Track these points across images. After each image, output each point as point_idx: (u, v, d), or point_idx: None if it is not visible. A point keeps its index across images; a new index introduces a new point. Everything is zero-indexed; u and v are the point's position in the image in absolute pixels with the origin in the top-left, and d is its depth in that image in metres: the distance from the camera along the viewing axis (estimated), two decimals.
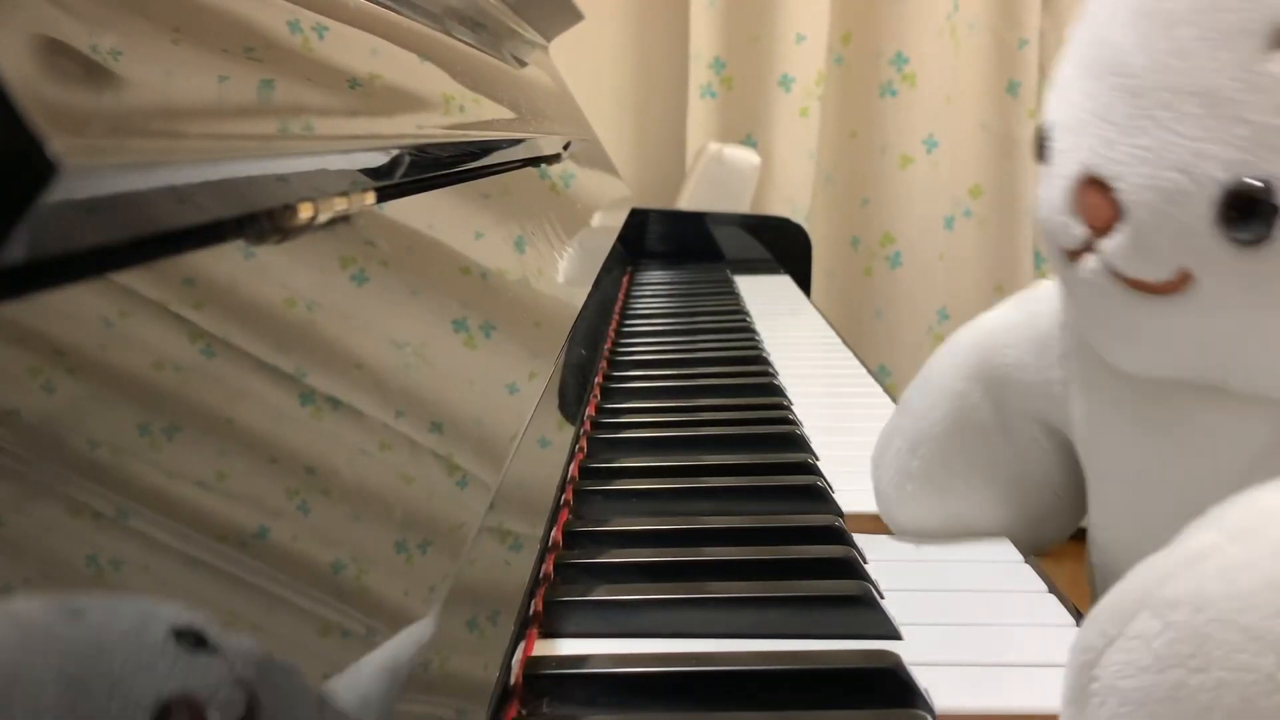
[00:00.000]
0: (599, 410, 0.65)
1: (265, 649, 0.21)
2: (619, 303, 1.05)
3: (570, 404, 0.59)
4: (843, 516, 0.49)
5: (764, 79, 1.67)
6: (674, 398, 0.69)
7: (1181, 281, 0.35)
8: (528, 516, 0.43)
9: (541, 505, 0.46)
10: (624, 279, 1.21)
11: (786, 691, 0.35)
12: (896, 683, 0.34)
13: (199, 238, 0.25)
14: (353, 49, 0.40)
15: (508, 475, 0.39)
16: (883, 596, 0.41)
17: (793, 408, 0.66)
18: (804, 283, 1.34)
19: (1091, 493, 0.46)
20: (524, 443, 0.43)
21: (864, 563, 0.44)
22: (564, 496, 0.50)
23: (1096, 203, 0.36)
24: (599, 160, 1.19)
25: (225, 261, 0.27)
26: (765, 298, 1.13)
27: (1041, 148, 0.39)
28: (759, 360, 0.79)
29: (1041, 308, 0.47)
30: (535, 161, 0.76)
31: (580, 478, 0.53)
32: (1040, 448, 0.48)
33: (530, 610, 0.39)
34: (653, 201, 1.67)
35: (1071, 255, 0.37)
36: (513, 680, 0.35)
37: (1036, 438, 0.48)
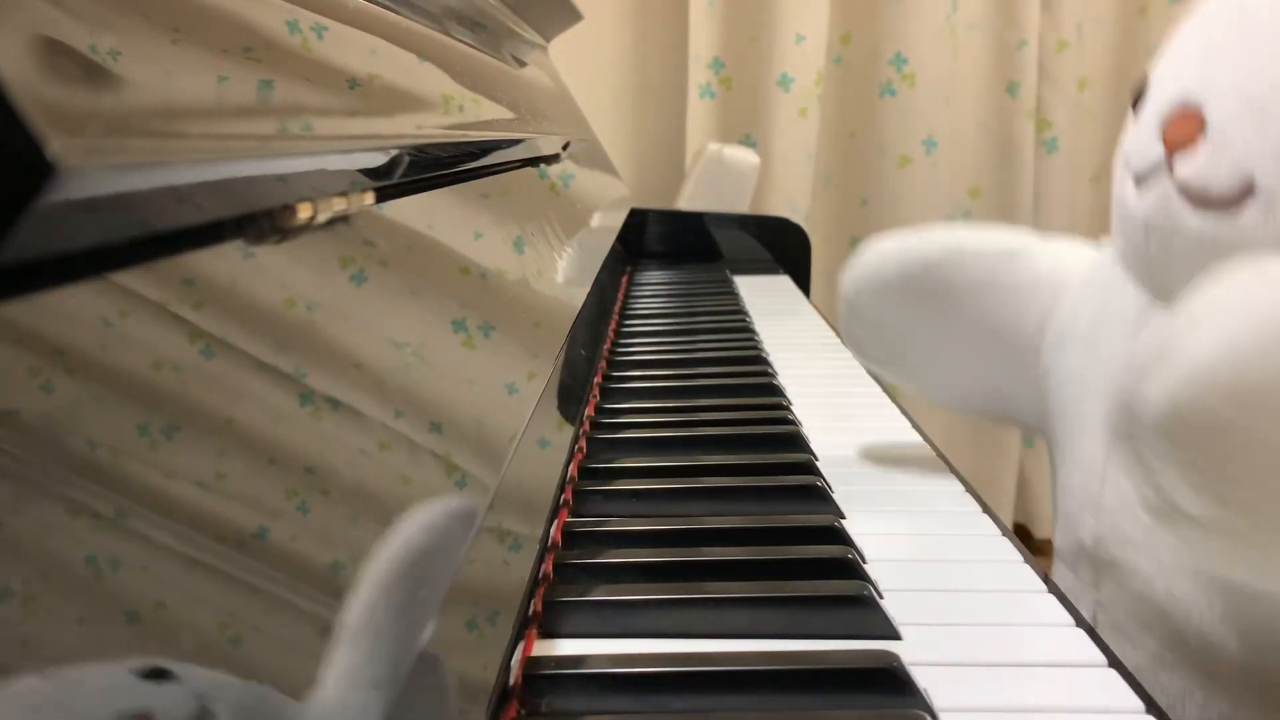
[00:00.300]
0: (598, 410, 0.65)
1: (236, 668, 0.21)
2: (618, 303, 1.05)
3: (569, 404, 0.59)
4: (843, 517, 0.49)
5: (763, 79, 1.67)
6: (673, 398, 0.69)
7: (1243, 195, 0.40)
8: (527, 516, 0.43)
9: (541, 505, 0.46)
10: (623, 279, 1.21)
11: (786, 691, 0.35)
12: (896, 682, 0.34)
13: (198, 238, 0.25)
14: (352, 49, 0.40)
15: (507, 475, 0.39)
16: (882, 596, 0.41)
17: (792, 408, 0.66)
18: (803, 283, 1.34)
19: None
20: (523, 443, 0.42)
21: (863, 563, 0.44)
22: (563, 496, 0.50)
23: (1184, 122, 0.41)
24: (598, 160, 1.19)
25: (224, 261, 0.27)
26: (764, 298, 1.13)
27: (1138, 97, 0.45)
28: (758, 360, 0.79)
29: (1073, 259, 0.54)
30: (535, 162, 0.76)
31: (579, 478, 0.53)
32: (973, 349, 0.55)
33: (529, 610, 0.39)
34: (652, 201, 1.67)
35: (1140, 181, 0.43)
36: (512, 680, 0.35)
37: (977, 338, 0.55)
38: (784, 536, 0.46)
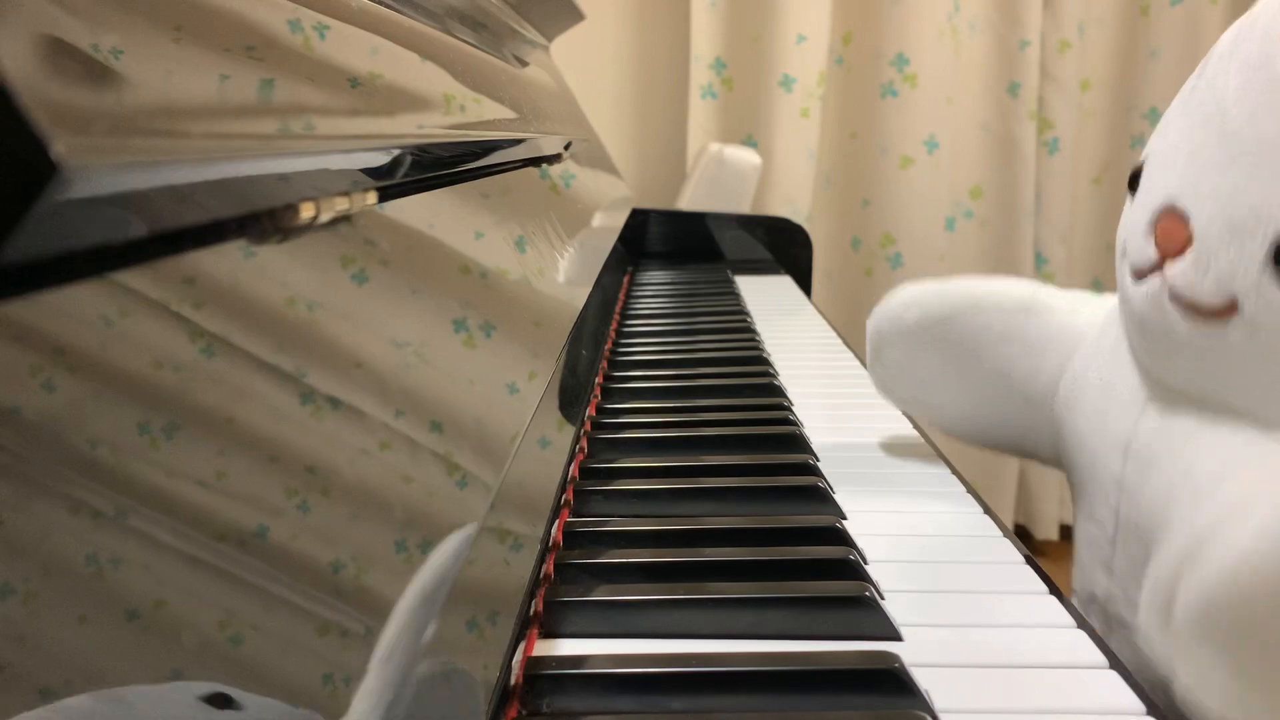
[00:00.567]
0: (599, 410, 0.65)
1: (276, 691, 0.21)
2: (619, 303, 1.05)
3: (571, 404, 0.59)
4: (844, 517, 0.49)
5: (765, 79, 1.67)
6: (675, 398, 0.69)
7: (1228, 310, 0.40)
8: (528, 516, 0.43)
9: (542, 505, 0.45)
10: (624, 279, 1.21)
11: (787, 692, 0.35)
12: (897, 684, 0.34)
13: (200, 237, 0.25)
14: (354, 48, 0.40)
15: (508, 475, 0.39)
16: (883, 597, 0.41)
17: (793, 408, 0.66)
18: (804, 283, 1.34)
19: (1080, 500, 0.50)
20: (524, 443, 0.42)
21: (864, 564, 0.44)
22: (564, 496, 0.50)
23: (1171, 230, 0.41)
24: (600, 160, 1.19)
25: (225, 261, 0.27)
26: (766, 298, 1.13)
27: (1135, 179, 0.44)
28: (759, 361, 0.79)
29: (1089, 311, 0.54)
30: (536, 161, 0.76)
31: (581, 478, 0.53)
32: (981, 396, 0.56)
33: (531, 610, 0.39)
34: (653, 201, 1.67)
35: (1138, 275, 0.43)
36: (513, 680, 0.35)
37: (987, 384, 0.56)
38: (785, 537, 0.46)
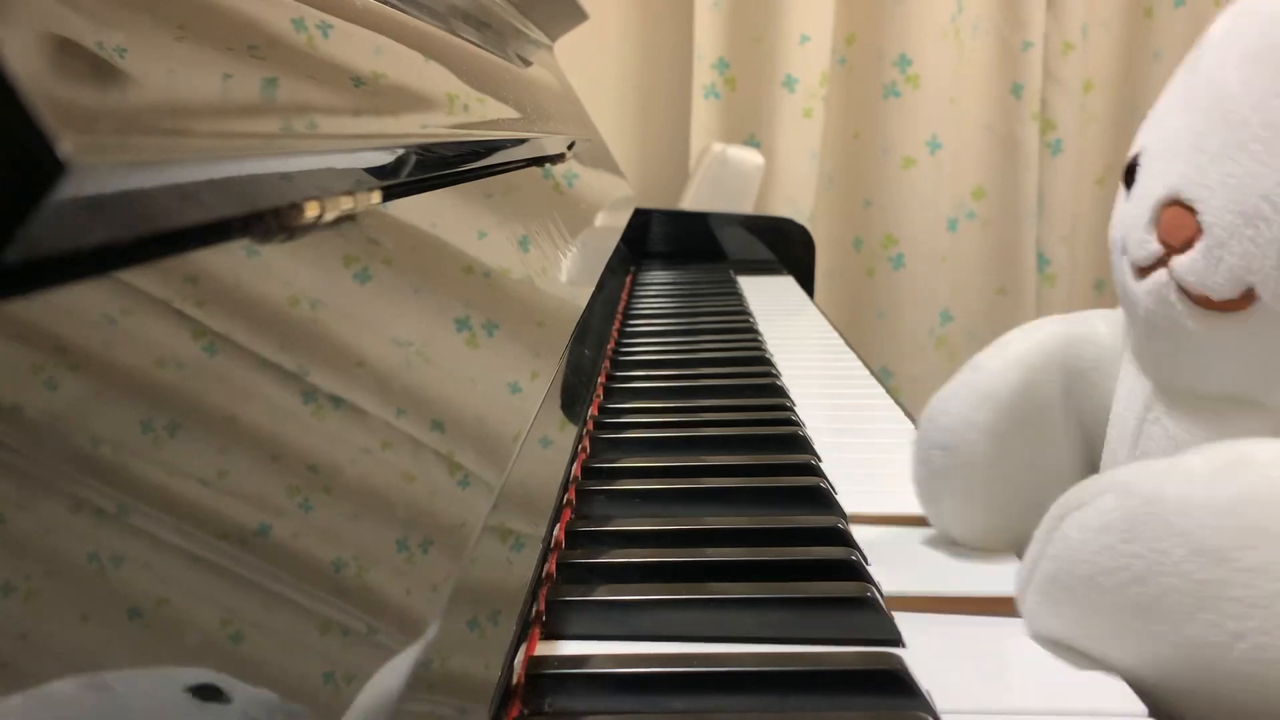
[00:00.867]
0: (602, 410, 0.65)
1: (278, 690, 0.21)
2: (622, 303, 1.05)
3: (573, 404, 0.59)
4: (846, 518, 0.49)
5: (768, 80, 1.67)
6: (677, 398, 0.69)
7: (1244, 301, 0.38)
8: (530, 516, 0.43)
9: (544, 505, 0.45)
10: (627, 279, 1.21)
11: (789, 693, 0.35)
12: (899, 685, 0.34)
13: (204, 236, 0.25)
14: (357, 47, 0.40)
15: (510, 475, 0.39)
16: (885, 599, 0.41)
17: (795, 409, 0.66)
18: (806, 283, 1.34)
19: None
20: (527, 442, 0.43)
21: (866, 565, 0.43)
22: (567, 496, 0.50)
23: (1178, 221, 0.40)
24: (603, 160, 1.19)
25: (229, 259, 0.27)
26: (768, 298, 1.13)
27: (1130, 174, 0.43)
28: (762, 361, 0.79)
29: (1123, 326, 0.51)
30: (539, 161, 0.76)
31: (583, 477, 0.53)
32: (1075, 450, 0.51)
33: (533, 610, 0.39)
34: (656, 201, 1.67)
35: (1140, 272, 0.41)
36: (515, 680, 0.35)
37: (1075, 438, 0.51)
38: (787, 538, 0.46)
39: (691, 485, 0.52)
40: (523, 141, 0.69)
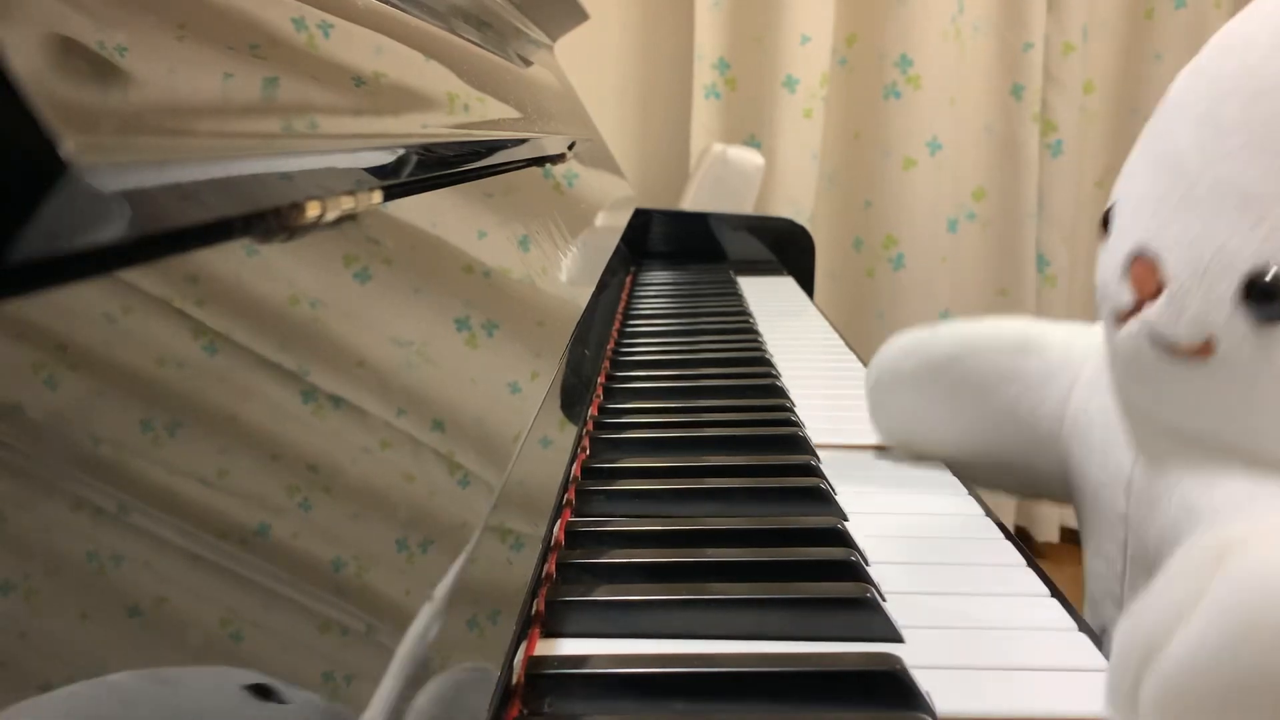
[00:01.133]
0: (602, 410, 0.65)
1: (327, 696, 0.21)
2: (622, 303, 1.05)
3: (573, 404, 0.59)
4: (845, 519, 0.49)
5: (768, 80, 1.67)
6: (677, 398, 0.69)
7: (1206, 349, 0.40)
8: (530, 516, 0.43)
9: (544, 504, 0.46)
10: (627, 279, 1.21)
11: (788, 693, 0.35)
12: (898, 685, 0.34)
13: (204, 235, 0.25)
14: (358, 47, 0.40)
15: (510, 474, 0.39)
16: (884, 599, 0.41)
17: (795, 409, 0.66)
18: (807, 284, 1.34)
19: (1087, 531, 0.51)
20: (527, 442, 0.43)
21: (866, 565, 0.44)
22: (566, 496, 0.50)
23: (1145, 274, 0.42)
24: (603, 160, 1.19)
25: (230, 259, 0.27)
26: (768, 299, 1.13)
27: (1106, 221, 0.45)
28: (762, 361, 0.79)
29: (1082, 343, 0.55)
30: (540, 161, 0.76)
31: (583, 477, 0.53)
32: (986, 425, 0.56)
33: (532, 609, 0.39)
34: (656, 202, 1.67)
35: (1118, 319, 0.44)
36: (515, 680, 0.35)
37: (994, 419, 0.56)
38: (787, 538, 0.46)
39: (691, 485, 0.52)
40: (523, 141, 0.69)
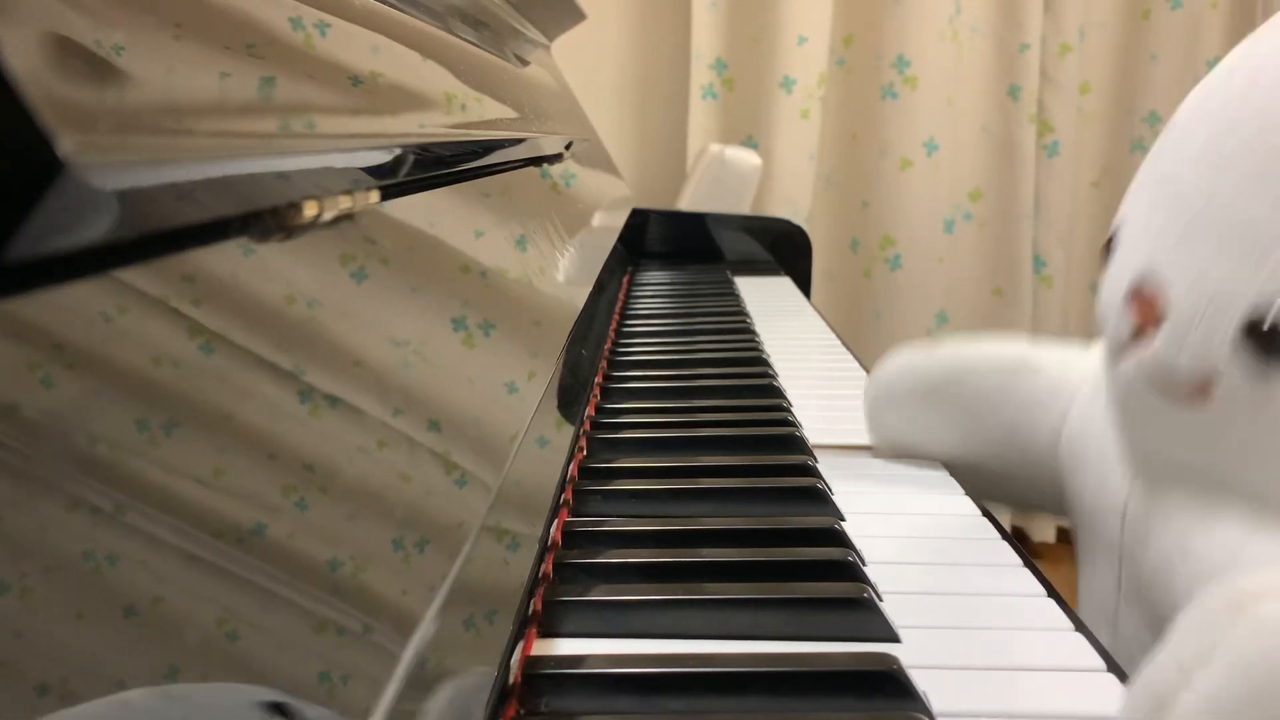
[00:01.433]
0: (599, 410, 0.65)
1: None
2: (619, 303, 1.05)
3: (570, 404, 0.59)
4: (842, 519, 0.49)
5: (765, 80, 1.67)
6: (674, 398, 0.69)
7: (1205, 392, 0.39)
8: (527, 516, 0.43)
9: (541, 505, 0.45)
10: (624, 279, 1.21)
11: (785, 693, 0.35)
12: (896, 685, 0.34)
13: (201, 235, 0.25)
14: (355, 47, 0.40)
15: (507, 474, 0.39)
16: (881, 599, 0.41)
17: (792, 409, 0.66)
18: (804, 284, 1.34)
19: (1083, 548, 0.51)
20: (524, 442, 0.42)
21: (863, 565, 0.44)
22: (563, 496, 0.50)
23: (1145, 304, 0.41)
24: (600, 160, 1.19)
25: (226, 259, 0.27)
26: (765, 299, 1.13)
27: (1109, 245, 0.44)
28: (758, 361, 0.79)
29: (1079, 365, 0.54)
30: (537, 161, 0.76)
31: (580, 477, 0.53)
32: (984, 443, 0.56)
33: (529, 609, 0.39)
34: (653, 202, 1.67)
35: (1117, 351, 0.43)
36: (511, 679, 0.35)
37: (992, 436, 0.56)
38: (783, 538, 0.46)
39: (688, 485, 0.52)
40: (520, 141, 0.69)
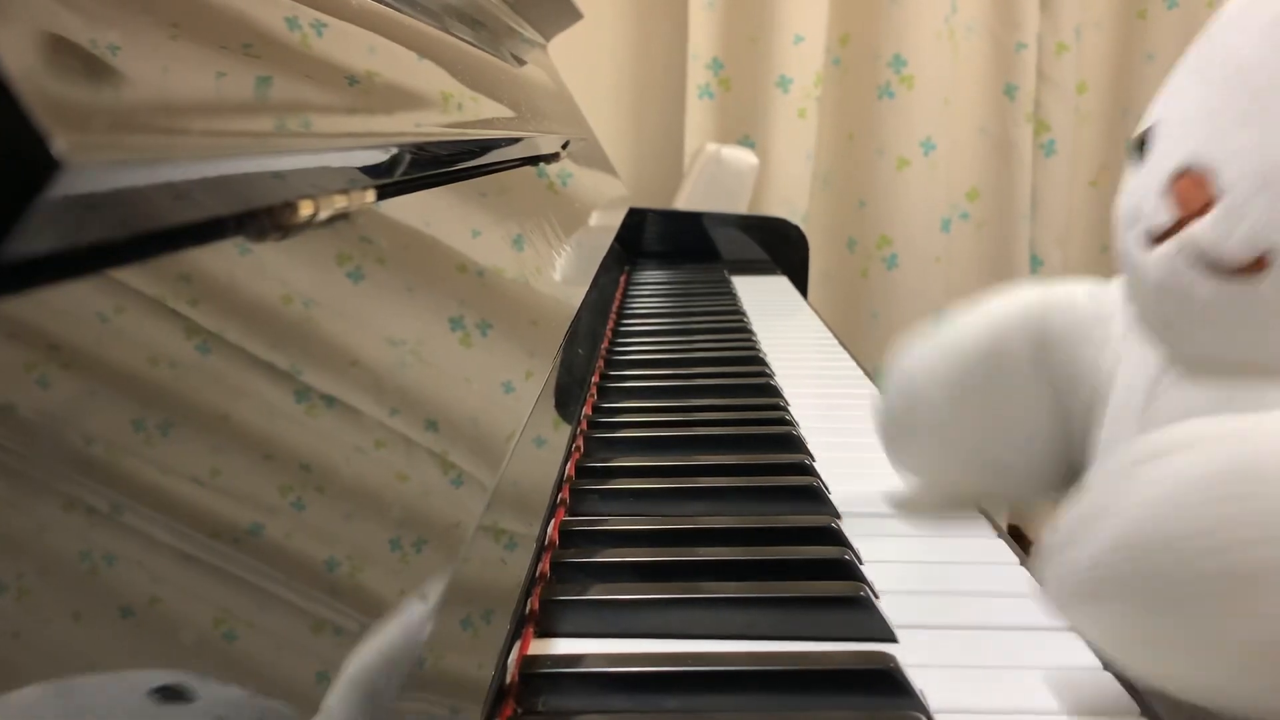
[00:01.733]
0: (596, 410, 0.65)
1: (271, 689, 0.21)
2: (616, 302, 1.05)
3: (567, 403, 0.59)
4: (839, 518, 0.49)
5: (762, 80, 1.67)
6: (671, 397, 0.69)
7: (1260, 265, 0.39)
8: (524, 515, 0.43)
9: (538, 504, 0.45)
10: (621, 278, 1.21)
11: (782, 692, 0.35)
12: (892, 684, 0.35)
13: (197, 234, 0.25)
14: (351, 46, 0.40)
15: (504, 474, 0.39)
16: (878, 598, 0.41)
17: (789, 408, 0.66)
18: (801, 284, 1.34)
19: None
20: (521, 442, 0.42)
21: (860, 564, 0.44)
22: (560, 495, 0.50)
23: (1192, 189, 0.40)
24: (597, 160, 1.19)
25: (223, 258, 0.27)
26: (762, 298, 1.13)
27: (1142, 145, 0.43)
28: (755, 361, 0.79)
29: (1108, 297, 0.50)
30: (533, 160, 0.76)
31: (577, 477, 0.53)
32: (1042, 413, 0.50)
33: (526, 609, 0.39)
34: (650, 201, 1.67)
35: (1152, 242, 0.41)
36: (508, 679, 0.35)
37: (1043, 401, 0.50)
38: (780, 537, 0.46)
39: (685, 484, 0.52)
40: (517, 141, 0.69)
